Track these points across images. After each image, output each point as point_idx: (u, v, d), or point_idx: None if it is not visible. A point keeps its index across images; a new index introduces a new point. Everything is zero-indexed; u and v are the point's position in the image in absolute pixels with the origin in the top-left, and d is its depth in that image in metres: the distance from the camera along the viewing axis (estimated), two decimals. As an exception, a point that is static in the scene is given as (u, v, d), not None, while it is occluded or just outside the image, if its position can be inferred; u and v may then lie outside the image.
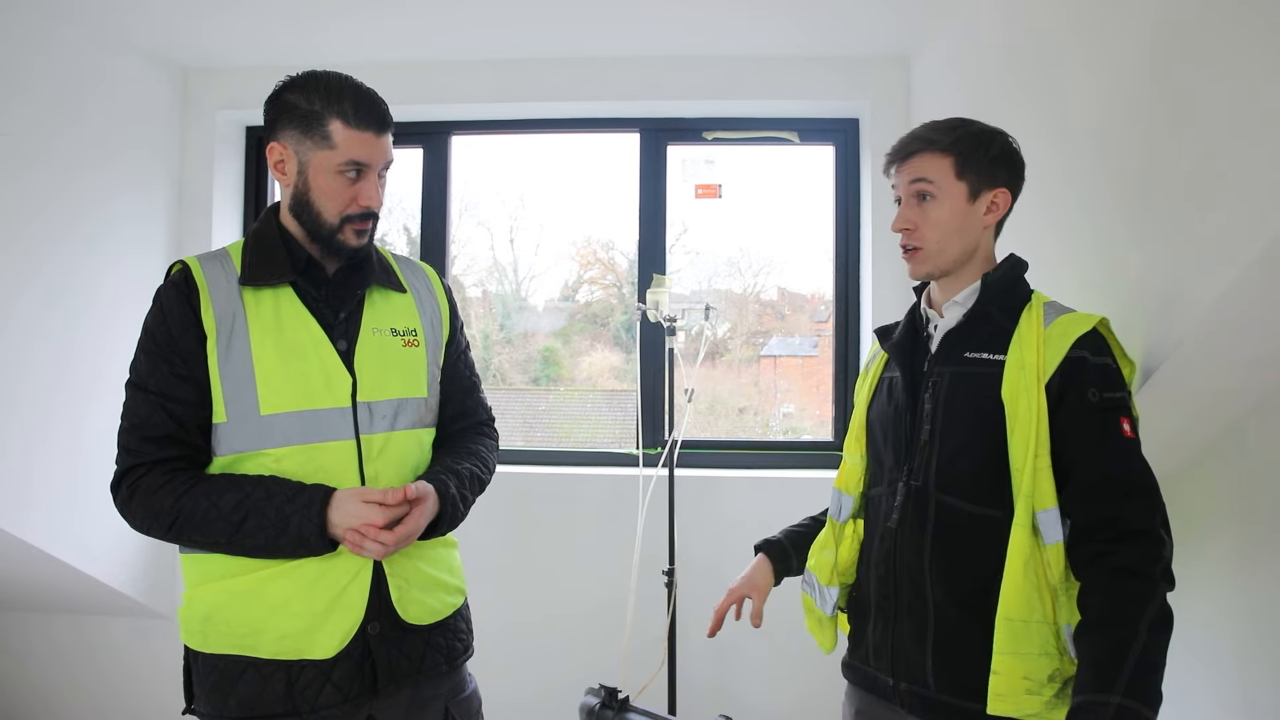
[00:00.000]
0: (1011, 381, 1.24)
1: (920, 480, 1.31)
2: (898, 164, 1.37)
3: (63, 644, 2.94)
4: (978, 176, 1.32)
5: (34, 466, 2.34)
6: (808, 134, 2.93)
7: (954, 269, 1.35)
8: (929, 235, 1.33)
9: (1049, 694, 1.20)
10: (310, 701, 1.27)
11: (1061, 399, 1.22)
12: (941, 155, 1.32)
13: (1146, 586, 1.14)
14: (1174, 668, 1.06)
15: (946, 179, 1.32)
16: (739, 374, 3.33)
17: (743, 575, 1.55)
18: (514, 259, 3.34)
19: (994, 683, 1.20)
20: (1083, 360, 1.22)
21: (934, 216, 1.32)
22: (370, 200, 1.33)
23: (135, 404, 1.29)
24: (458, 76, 2.82)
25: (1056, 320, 1.27)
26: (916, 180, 1.33)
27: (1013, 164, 1.36)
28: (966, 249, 1.34)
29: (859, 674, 1.43)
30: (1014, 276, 1.35)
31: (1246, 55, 1.12)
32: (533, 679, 2.70)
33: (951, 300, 1.36)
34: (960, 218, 1.32)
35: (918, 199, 1.34)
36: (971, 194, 1.32)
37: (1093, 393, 1.21)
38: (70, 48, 2.43)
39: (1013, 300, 1.33)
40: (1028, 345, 1.25)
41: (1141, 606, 1.13)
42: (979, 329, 1.32)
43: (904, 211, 1.35)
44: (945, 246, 1.33)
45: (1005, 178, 1.34)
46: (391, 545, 1.24)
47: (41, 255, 2.36)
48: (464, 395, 1.53)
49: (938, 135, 1.34)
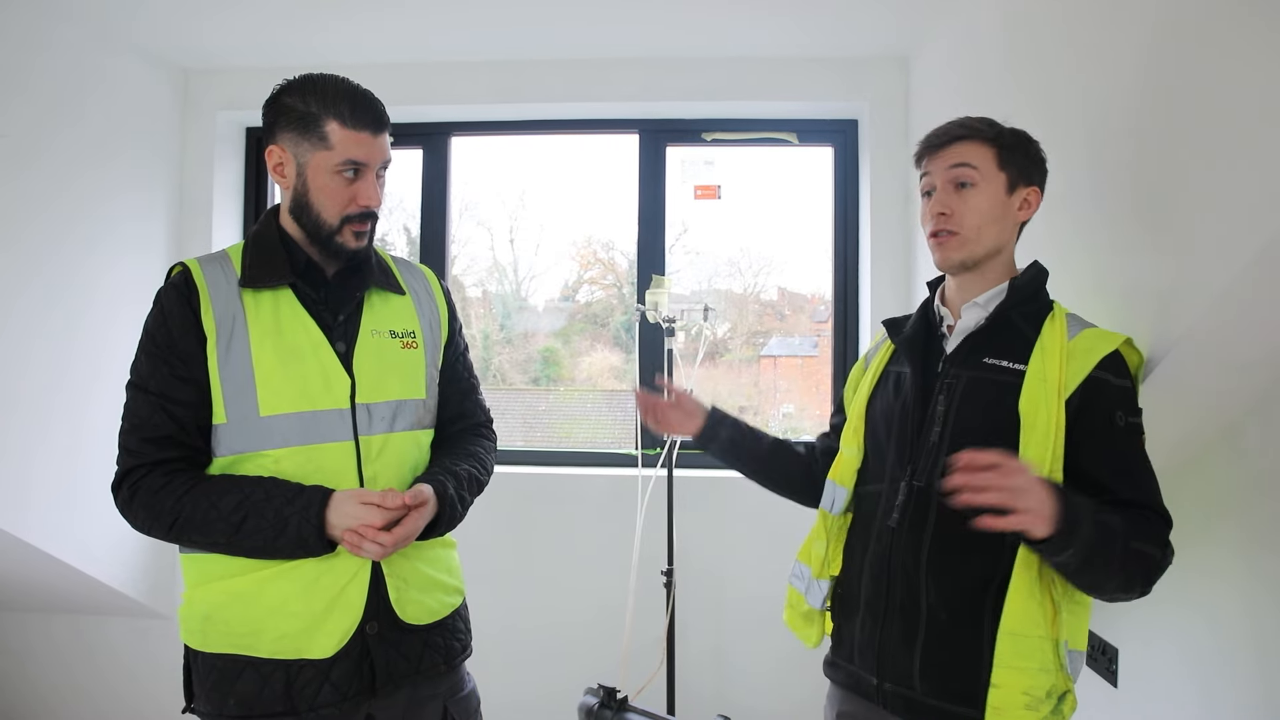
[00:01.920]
0: (1032, 393, 1.23)
1: (924, 481, 1.30)
2: (937, 150, 1.34)
3: (63, 644, 2.95)
4: (1017, 171, 1.32)
5: (34, 466, 2.34)
6: (807, 135, 2.93)
7: (984, 261, 1.33)
8: (968, 220, 1.30)
9: (1046, 710, 1.20)
10: (309, 701, 1.28)
11: (1079, 417, 1.21)
12: (986, 144, 1.31)
13: (1154, 540, 1.16)
14: (1173, 667, 1.07)
15: (989, 167, 1.30)
16: (739, 374, 3.33)
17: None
18: (514, 259, 3.35)
19: (993, 696, 1.20)
20: (1106, 382, 1.21)
21: (973, 203, 1.30)
22: (369, 199, 1.33)
23: (136, 405, 1.30)
24: (457, 77, 2.83)
25: (1081, 334, 1.25)
26: (959, 165, 1.31)
27: (1044, 169, 1.36)
28: (1000, 242, 1.33)
29: (842, 673, 1.41)
30: (1038, 284, 1.34)
31: (1244, 57, 1.12)
32: (532, 679, 2.70)
33: (971, 301, 1.34)
34: (1000, 208, 1.31)
35: (955, 186, 1.31)
36: (1010, 187, 1.31)
37: (1120, 416, 1.20)
38: (71, 48, 2.43)
39: (1035, 307, 1.31)
40: (1050, 358, 1.24)
41: (1142, 535, 1.15)
42: (999, 335, 1.30)
43: (941, 196, 1.32)
44: (983, 234, 1.31)
45: (1038, 177, 1.34)
46: (389, 546, 1.24)
47: (41, 255, 2.36)
48: (463, 397, 1.54)
49: (981, 126, 1.33)
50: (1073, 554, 1.11)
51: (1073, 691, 1.24)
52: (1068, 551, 1.10)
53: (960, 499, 1.08)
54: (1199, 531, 1.52)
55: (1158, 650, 1.63)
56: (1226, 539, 1.47)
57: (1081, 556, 1.11)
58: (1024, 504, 1.07)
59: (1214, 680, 1.48)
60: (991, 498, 1.07)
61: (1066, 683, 1.22)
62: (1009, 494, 1.07)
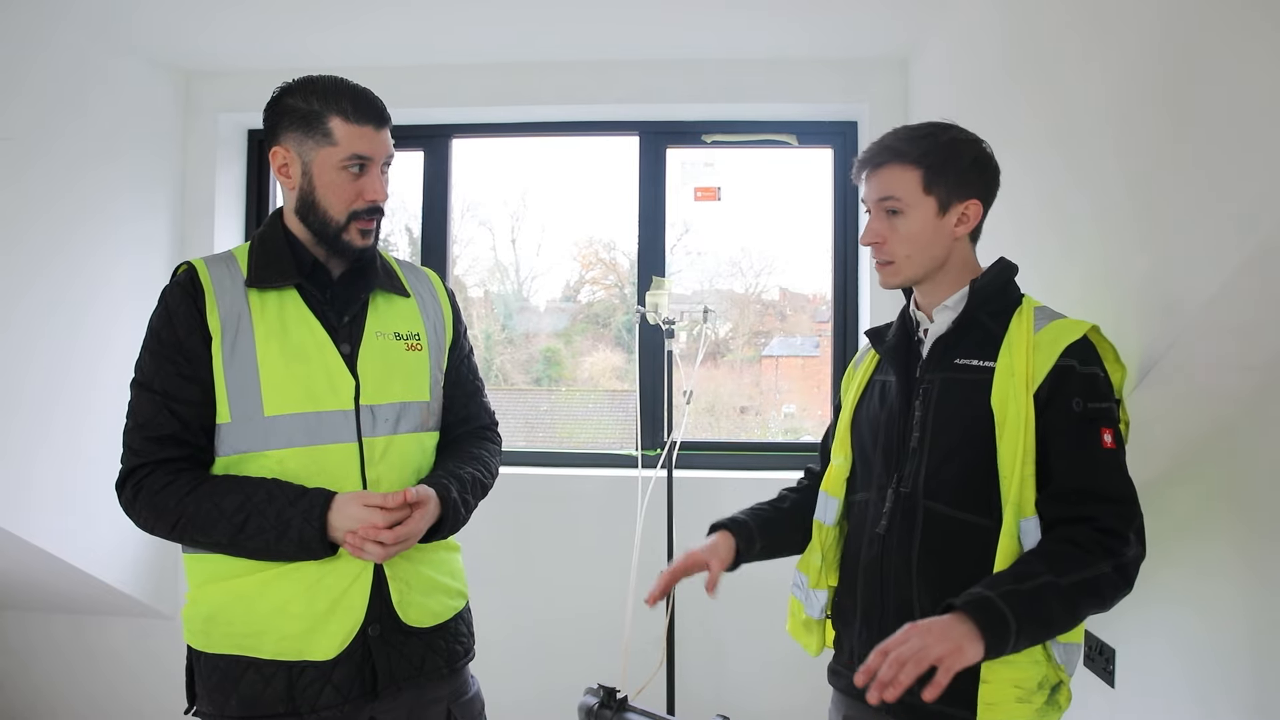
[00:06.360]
0: (1001, 388, 1.23)
1: (909, 487, 1.30)
2: (864, 173, 1.35)
3: (63, 644, 2.95)
4: (947, 190, 1.30)
5: (36, 466, 2.35)
6: (806, 136, 2.94)
7: (927, 278, 1.34)
8: (898, 250, 1.31)
9: (1039, 701, 1.21)
10: (310, 702, 1.28)
11: (1046, 407, 1.21)
12: (909, 168, 1.29)
13: (1089, 557, 1.14)
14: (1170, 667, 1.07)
15: (914, 194, 1.29)
16: (740, 374, 3.34)
17: (705, 544, 1.44)
18: (516, 259, 3.35)
19: (984, 692, 1.20)
20: (1070, 369, 1.21)
21: (903, 231, 1.30)
22: (375, 194, 1.34)
23: (140, 404, 1.30)
24: (458, 80, 2.83)
25: (1047, 327, 1.26)
26: (884, 198, 1.31)
27: (985, 174, 1.33)
28: (937, 259, 1.33)
29: (844, 679, 1.41)
30: (1003, 281, 1.34)
31: (1241, 58, 1.13)
32: (532, 679, 2.71)
33: (941, 305, 1.35)
34: (930, 231, 1.30)
35: (886, 214, 1.32)
36: (941, 207, 1.30)
37: (1077, 402, 1.20)
38: (71, 50, 2.44)
39: (1003, 304, 1.32)
40: (1017, 352, 1.24)
41: (1073, 565, 1.13)
42: (968, 335, 1.31)
43: (872, 225, 1.33)
44: (915, 259, 1.31)
45: (977, 189, 1.32)
46: (391, 545, 1.24)
47: (43, 256, 2.37)
48: (467, 399, 1.54)
49: (906, 146, 1.30)
50: (1019, 642, 1.10)
51: (1067, 683, 1.24)
52: (1010, 644, 1.09)
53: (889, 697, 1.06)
54: (1195, 532, 1.52)
55: (1155, 650, 1.63)
56: (1223, 540, 1.47)
57: (1030, 635, 1.11)
58: (933, 655, 1.05)
59: (1211, 680, 1.49)
60: (906, 676, 1.05)
61: (1059, 674, 1.23)
62: (913, 662, 1.05)
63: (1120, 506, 1.18)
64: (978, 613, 1.08)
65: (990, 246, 1.46)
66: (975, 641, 1.07)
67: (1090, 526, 1.16)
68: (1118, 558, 1.14)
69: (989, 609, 1.09)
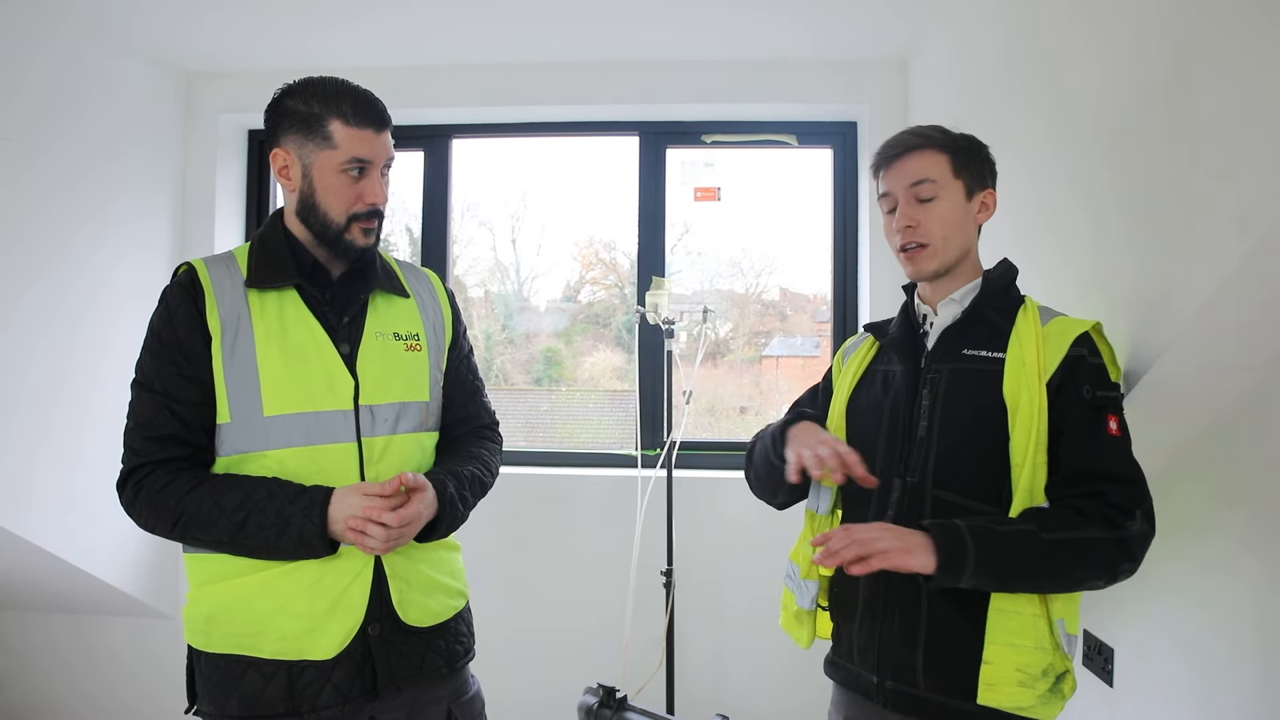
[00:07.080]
0: (1013, 378, 1.26)
1: (917, 476, 1.31)
2: (891, 163, 1.37)
3: (63, 644, 2.96)
4: (972, 176, 1.35)
5: (36, 465, 2.35)
6: (806, 137, 2.94)
7: (955, 266, 1.36)
8: (934, 231, 1.33)
9: (1043, 688, 1.21)
10: (310, 702, 1.28)
11: (1058, 395, 1.24)
12: (939, 153, 1.34)
13: (1083, 521, 1.17)
14: (1169, 666, 1.07)
15: (946, 176, 1.34)
16: (741, 374, 3.34)
17: (826, 435, 1.34)
18: (516, 259, 3.35)
19: (985, 672, 1.21)
20: (1081, 358, 1.25)
21: (937, 213, 1.33)
22: (375, 197, 1.35)
23: (141, 403, 1.30)
24: (458, 80, 2.83)
25: (1054, 320, 1.30)
26: (919, 182, 1.33)
27: (995, 171, 1.40)
28: (965, 247, 1.37)
29: (842, 672, 1.42)
30: (1008, 279, 1.38)
31: (1238, 60, 1.13)
32: (532, 679, 2.71)
33: (948, 299, 1.37)
34: (961, 214, 1.35)
35: (918, 200, 1.34)
36: (968, 192, 1.35)
37: (1086, 389, 1.24)
38: (72, 51, 2.44)
39: (1007, 301, 1.35)
40: (1027, 343, 1.27)
41: (1064, 524, 1.17)
42: (975, 328, 1.34)
43: (905, 210, 1.35)
44: (949, 243, 1.34)
45: (992, 181, 1.39)
46: (395, 527, 1.23)
47: (43, 257, 2.37)
48: (467, 399, 1.54)
49: (934, 134, 1.36)
50: (976, 573, 1.16)
51: (1072, 672, 1.25)
52: (966, 573, 1.16)
53: (828, 563, 1.21)
54: (1193, 530, 1.52)
55: (1153, 649, 1.63)
56: (1221, 538, 1.47)
57: (990, 572, 1.16)
58: (882, 546, 1.17)
59: (1210, 679, 1.49)
60: (849, 552, 1.17)
61: (1065, 662, 1.24)
62: (858, 544, 1.17)
63: (1129, 486, 1.21)
64: (941, 533, 1.17)
65: (990, 247, 1.46)
66: (928, 554, 1.16)
67: (1099, 501, 1.19)
68: (1119, 530, 1.17)
69: (953, 533, 1.17)
